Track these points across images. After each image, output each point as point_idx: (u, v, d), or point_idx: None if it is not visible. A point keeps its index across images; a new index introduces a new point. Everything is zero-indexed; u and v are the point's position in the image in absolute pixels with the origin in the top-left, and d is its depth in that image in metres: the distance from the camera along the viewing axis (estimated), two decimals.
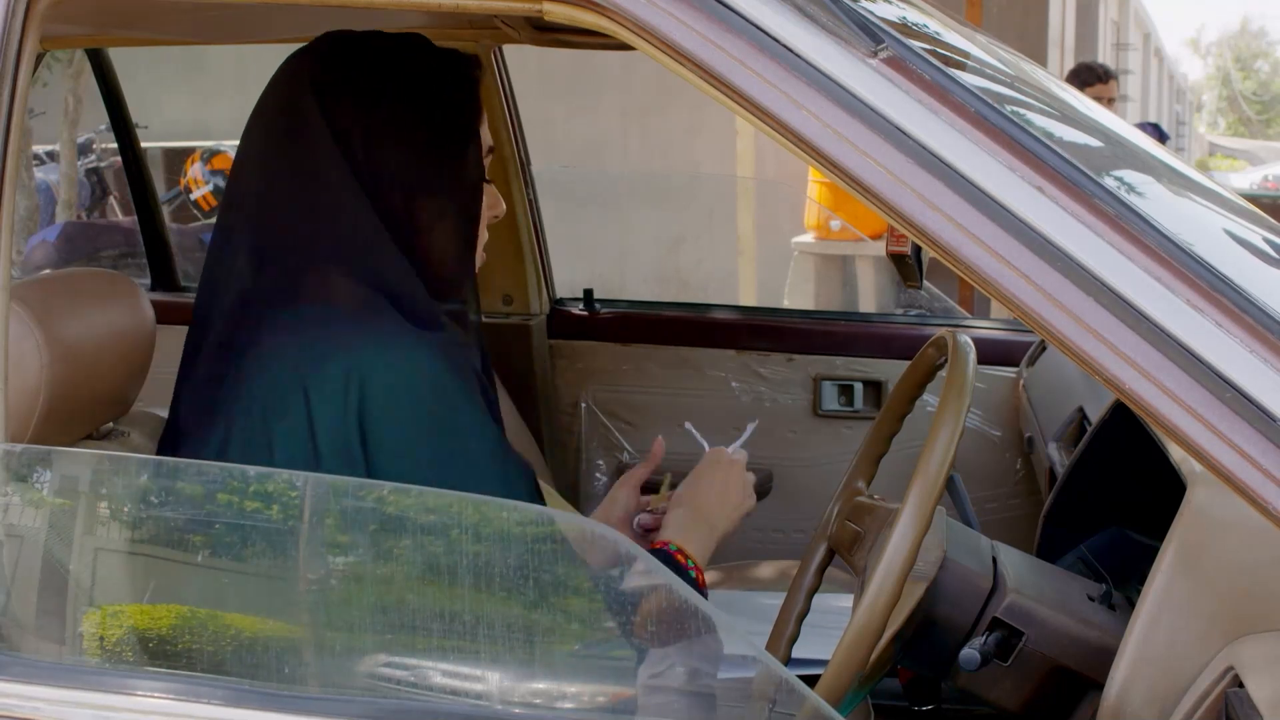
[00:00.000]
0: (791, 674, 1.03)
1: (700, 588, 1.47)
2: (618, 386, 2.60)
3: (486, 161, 1.49)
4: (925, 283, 2.86)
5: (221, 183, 6.25)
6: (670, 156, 8.12)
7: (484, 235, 1.50)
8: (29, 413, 1.33)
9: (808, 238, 5.95)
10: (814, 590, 1.61)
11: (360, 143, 1.38)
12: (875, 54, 1.02)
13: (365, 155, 1.38)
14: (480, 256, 1.51)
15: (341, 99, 1.39)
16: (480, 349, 1.54)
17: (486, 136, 1.49)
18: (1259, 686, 1.04)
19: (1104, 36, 15.74)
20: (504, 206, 1.56)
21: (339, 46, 1.43)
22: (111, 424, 1.56)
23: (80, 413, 1.46)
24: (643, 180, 8.15)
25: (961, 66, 1.28)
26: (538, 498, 1.43)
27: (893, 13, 1.26)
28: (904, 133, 1.00)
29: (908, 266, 2.39)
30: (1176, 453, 1.35)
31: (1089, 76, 5.63)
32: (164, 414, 1.55)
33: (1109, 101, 5.57)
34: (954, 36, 1.43)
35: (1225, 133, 47.74)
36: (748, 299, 7.51)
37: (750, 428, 1.80)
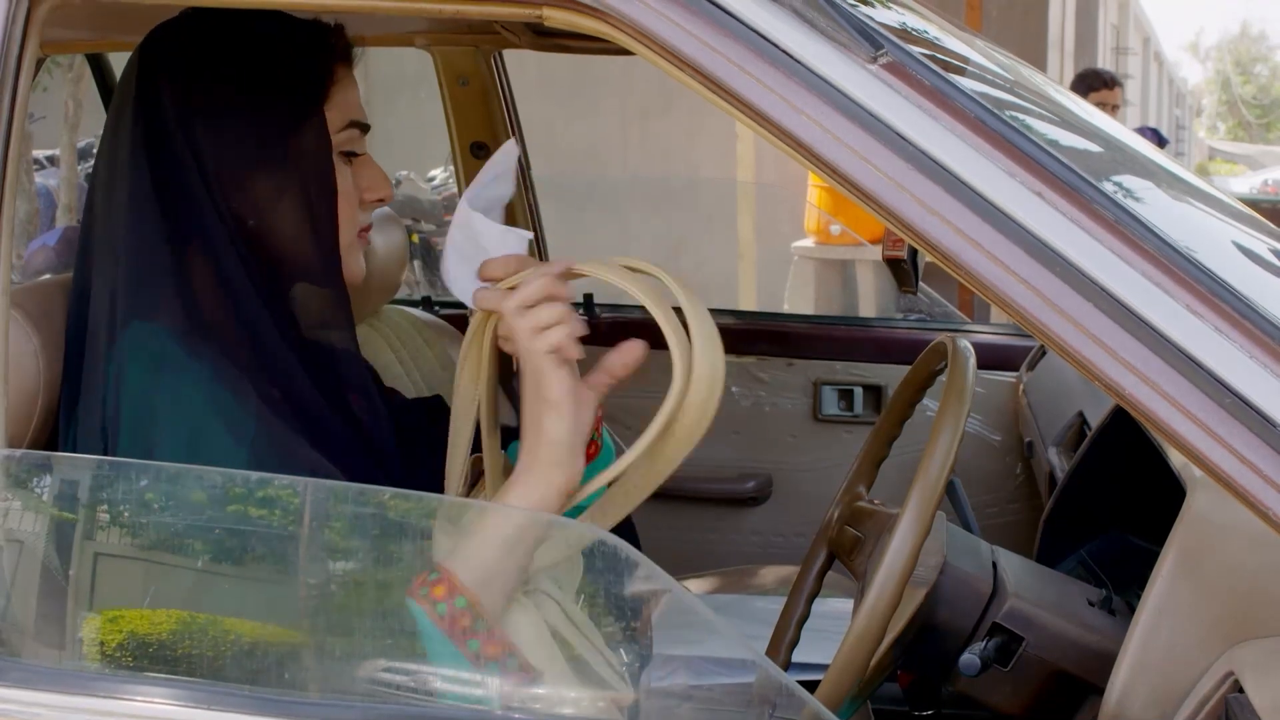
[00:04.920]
0: (791, 679, 1.03)
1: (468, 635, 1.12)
2: (618, 391, 2.59)
3: (347, 136, 1.38)
4: (925, 288, 2.86)
5: None
6: (670, 161, 8.13)
7: (360, 219, 1.40)
8: (28, 417, 1.33)
9: (808, 242, 5.94)
10: (814, 595, 1.61)
11: (175, 121, 1.31)
12: (875, 59, 1.02)
13: (181, 135, 1.31)
14: (361, 241, 1.41)
15: (159, 76, 1.33)
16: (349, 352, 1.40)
17: (354, 112, 1.38)
18: (1259, 692, 1.04)
19: (1103, 41, 15.75)
20: (388, 189, 1.44)
21: (176, 25, 1.37)
22: None
23: None
24: (642, 184, 8.16)
25: (961, 71, 1.28)
26: None
27: (892, 18, 1.26)
28: (903, 138, 1.00)
29: (903, 271, 2.39)
30: (1176, 458, 1.35)
31: (1094, 82, 5.64)
32: None
33: (1113, 108, 5.59)
34: (953, 41, 1.43)
35: (1225, 137, 47.77)
36: (747, 303, 7.51)
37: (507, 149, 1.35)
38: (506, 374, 1.30)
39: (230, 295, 1.32)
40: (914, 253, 2.46)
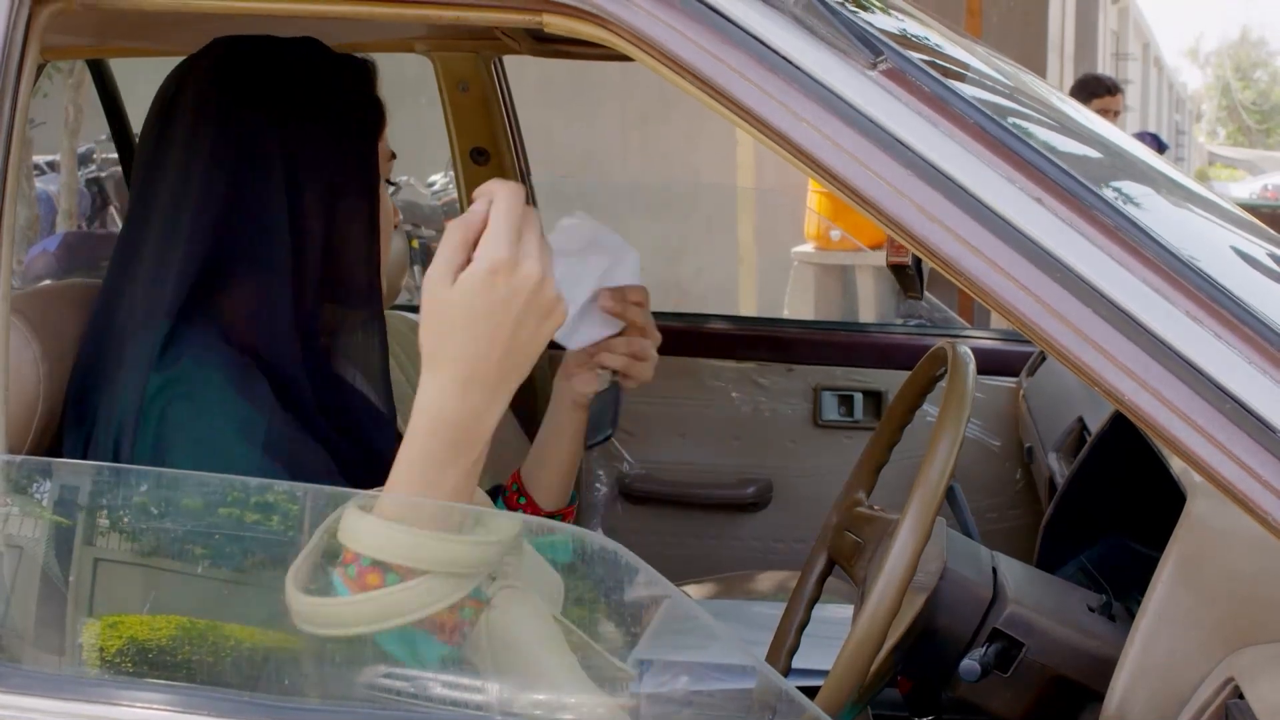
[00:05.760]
0: (791, 685, 1.03)
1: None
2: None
3: (388, 167, 1.44)
4: (925, 293, 2.86)
5: None
6: (670, 166, 8.13)
7: (387, 247, 1.44)
8: (28, 423, 1.33)
9: (808, 247, 5.95)
10: (814, 601, 1.61)
11: (274, 149, 1.33)
12: (875, 66, 1.03)
13: (277, 155, 1.33)
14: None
15: (249, 95, 1.34)
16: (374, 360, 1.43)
17: (386, 147, 1.44)
18: (1259, 697, 1.04)
19: (1103, 46, 15.76)
20: (400, 216, 1.51)
21: (235, 53, 1.38)
22: None
23: None
24: (642, 190, 8.15)
25: (961, 78, 1.28)
26: None
27: (892, 24, 1.26)
28: (903, 144, 1.01)
29: (907, 277, 2.40)
30: (1176, 463, 1.35)
31: (1096, 88, 5.65)
32: None
33: (1115, 114, 5.60)
34: (953, 48, 1.43)
35: (1225, 142, 47.81)
36: (748, 309, 7.51)
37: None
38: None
39: (271, 314, 1.33)
40: (919, 259, 2.46)
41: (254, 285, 1.33)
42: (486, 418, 1.08)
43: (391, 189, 1.48)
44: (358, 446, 1.35)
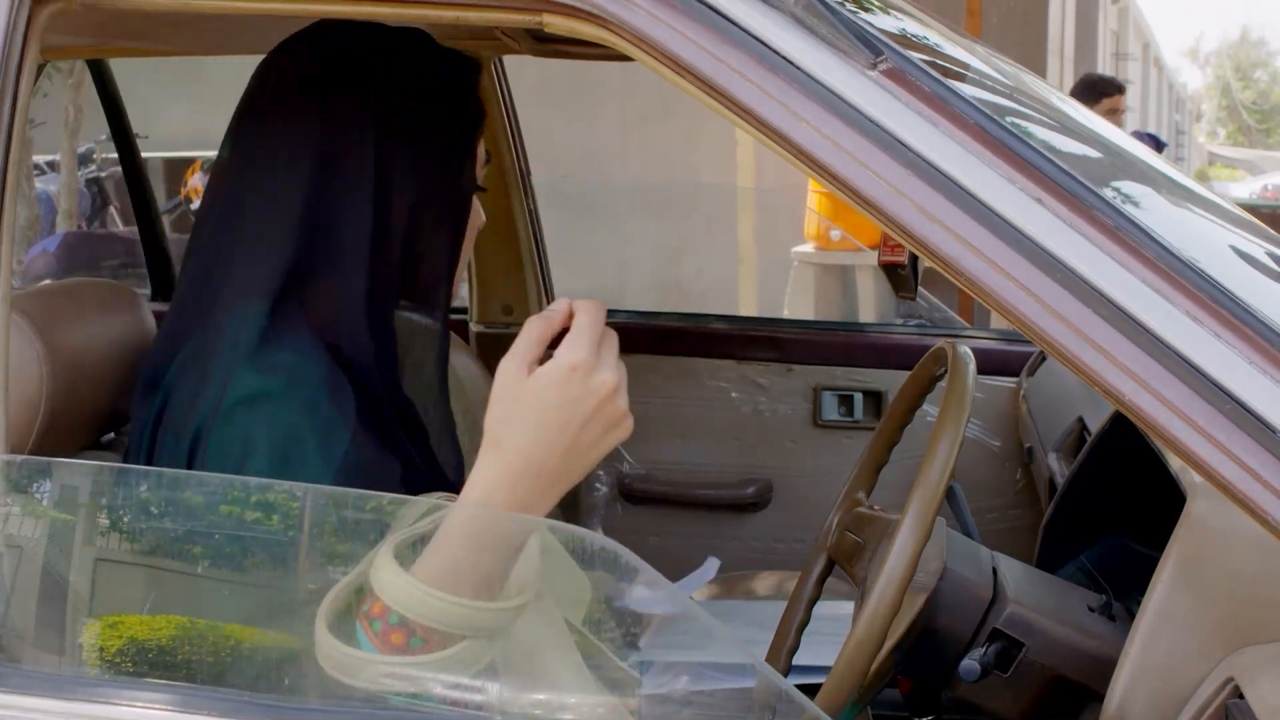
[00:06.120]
0: (791, 685, 1.03)
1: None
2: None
3: (483, 172, 1.44)
4: (925, 293, 2.86)
5: None
6: (670, 166, 8.12)
7: (469, 249, 1.43)
8: (30, 423, 1.33)
9: (808, 247, 5.94)
10: (814, 601, 1.61)
11: (368, 144, 1.32)
12: (874, 66, 1.03)
13: (374, 158, 1.31)
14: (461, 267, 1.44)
15: (347, 97, 1.32)
16: (435, 356, 1.43)
17: (483, 149, 1.43)
18: (1260, 698, 1.04)
19: (1103, 46, 15.77)
20: (484, 217, 1.48)
21: (335, 41, 1.36)
22: (113, 434, 1.56)
23: (82, 424, 1.46)
24: (642, 190, 8.15)
25: (961, 78, 1.28)
26: None
27: (892, 24, 1.26)
28: (903, 144, 1.01)
29: (899, 277, 2.39)
30: (1176, 463, 1.35)
31: (1107, 88, 5.72)
32: None
33: (1121, 113, 5.65)
34: (953, 48, 1.43)
35: (1225, 142, 47.80)
36: (748, 309, 7.51)
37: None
38: None
39: (352, 310, 1.32)
40: (914, 258, 2.46)
41: (338, 279, 1.32)
42: (533, 513, 1.08)
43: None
44: (423, 454, 1.36)
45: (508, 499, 1.06)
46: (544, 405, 1.05)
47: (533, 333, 1.07)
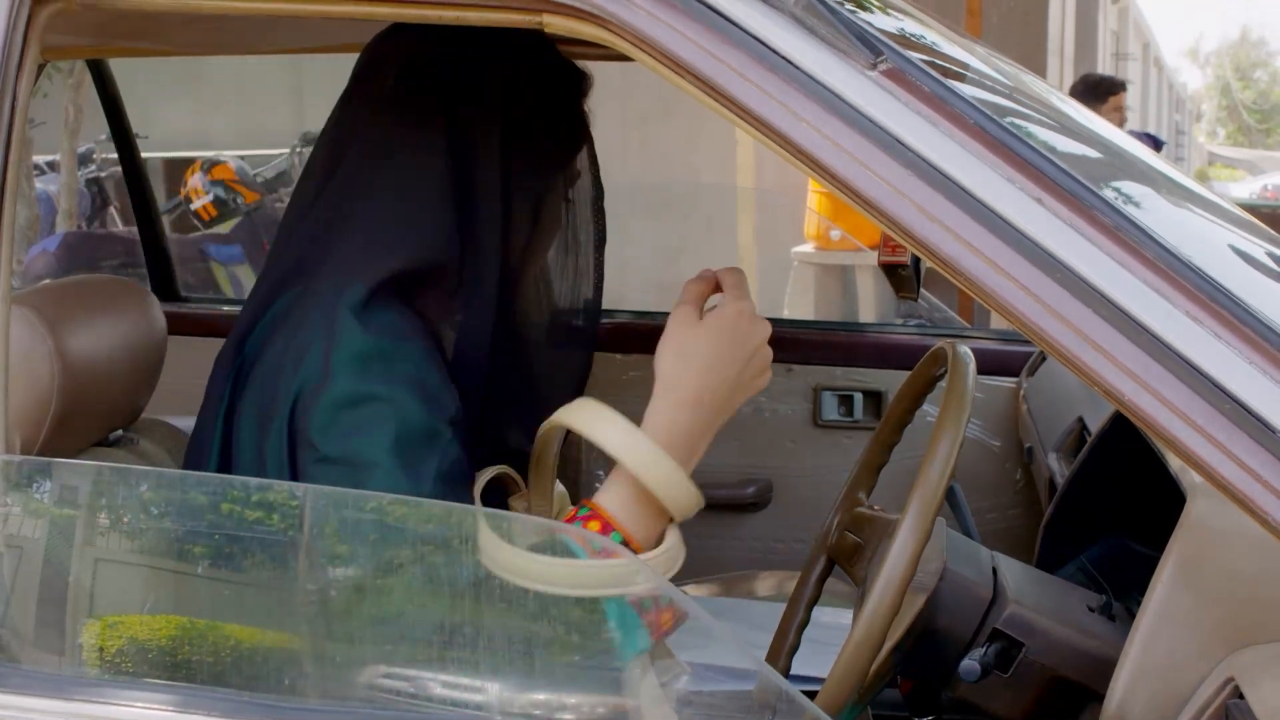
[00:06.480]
0: (791, 685, 1.03)
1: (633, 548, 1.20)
2: (619, 396, 2.59)
3: (573, 187, 1.44)
4: (925, 293, 2.85)
5: (222, 193, 6.24)
6: (670, 166, 8.12)
7: (541, 261, 1.45)
8: (40, 420, 1.33)
9: (807, 247, 5.94)
10: (814, 601, 1.61)
11: (494, 143, 1.32)
12: (874, 66, 1.03)
13: (497, 162, 1.32)
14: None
15: (464, 100, 1.32)
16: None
17: (576, 165, 1.44)
18: (1260, 698, 1.04)
19: (1103, 46, 15.77)
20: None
21: (451, 40, 1.34)
22: (121, 431, 1.56)
23: (91, 420, 1.46)
24: (642, 190, 8.15)
25: (961, 78, 1.28)
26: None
27: (892, 24, 1.26)
28: (903, 144, 1.01)
29: (900, 277, 2.39)
30: (1176, 463, 1.35)
31: (1112, 87, 5.77)
32: (174, 422, 1.55)
33: (1123, 111, 5.70)
34: (953, 48, 1.43)
35: (1225, 142, 47.81)
36: None
37: None
38: None
39: (468, 306, 1.33)
40: (917, 259, 2.46)
41: (461, 282, 1.33)
42: (703, 441, 1.27)
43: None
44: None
45: (690, 422, 1.23)
46: (718, 343, 1.21)
47: (696, 289, 1.25)
